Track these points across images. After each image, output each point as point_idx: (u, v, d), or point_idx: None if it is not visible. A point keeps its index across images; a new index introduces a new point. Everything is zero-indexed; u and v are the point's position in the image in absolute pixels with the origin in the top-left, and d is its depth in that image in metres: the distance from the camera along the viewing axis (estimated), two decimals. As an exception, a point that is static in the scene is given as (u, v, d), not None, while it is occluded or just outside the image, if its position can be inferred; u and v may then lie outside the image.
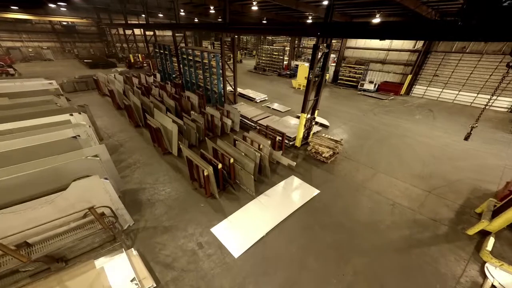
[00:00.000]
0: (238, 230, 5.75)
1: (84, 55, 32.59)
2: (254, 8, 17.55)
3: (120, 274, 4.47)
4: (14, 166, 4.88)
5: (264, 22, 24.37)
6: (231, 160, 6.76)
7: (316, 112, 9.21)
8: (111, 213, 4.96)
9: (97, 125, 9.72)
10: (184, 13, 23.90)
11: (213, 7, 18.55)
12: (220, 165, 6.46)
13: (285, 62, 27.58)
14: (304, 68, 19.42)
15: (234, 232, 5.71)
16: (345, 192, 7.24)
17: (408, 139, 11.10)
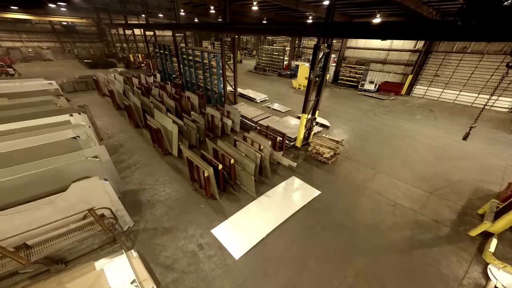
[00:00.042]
0: (239, 231, 5.72)
1: (84, 55, 32.56)
2: (254, 8, 17.52)
3: (120, 276, 4.44)
4: (13, 167, 4.85)
5: (264, 22, 24.35)
6: (232, 161, 6.73)
7: (317, 113, 9.18)
8: (111, 215, 4.93)
9: (97, 126, 9.70)
10: (184, 13, 23.88)
11: (213, 7, 18.53)
12: (220, 166, 6.43)
13: (285, 62, 27.55)
14: (304, 68, 19.38)
15: (235, 233, 5.67)
16: (346, 192, 7.21)
17: (409, 139, 11.06)
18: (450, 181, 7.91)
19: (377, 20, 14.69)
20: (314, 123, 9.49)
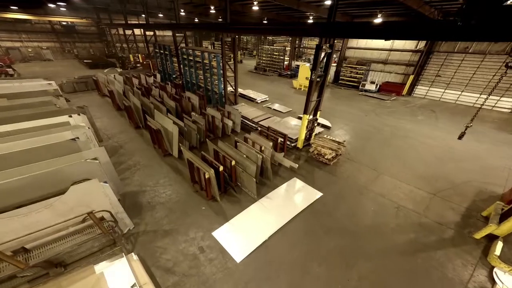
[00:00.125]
0: (240, 234, 5.64)
1: (84, 55, 32.48)
2: (254, 8, 17.46)
3: (120, 279, 4.37)
4: (11, 169, 4.79)
5: (265, 22, 24.29)
6: (233, 163, 6.66)
7: (318, 113, 9.10)
8: (110, 217, 4.86)
9: (97, 126, 9.63)
10: (184, 13, 23.82)
11: (213, 7, 18.45)
12: (221, 168, 6.36)
13: (285, 62, 27.49)
14: (305, 69, 19.31)
15: (236, 236, 5.60)
16: (348, 194, 7.14)
17: (411, 140, 10.99)
18: (453, 182, 7.84)
19: (378, 20, 14.63)
20: (316, 124, 9.42)
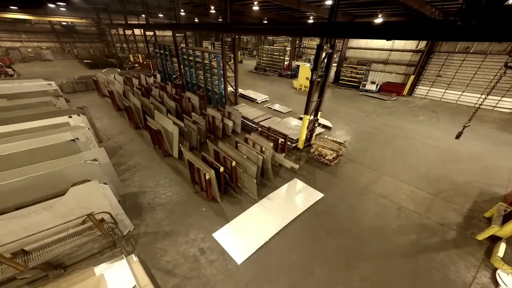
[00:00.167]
0: (241, 235, 5.61)
1: (83, 55, 32.45)
2: (255, 8, 17.41)
3: (120, 281, 4.35)
4: (11, 170, 4.75)
5: (265, 22, 24.25)
6: (233, 163, 6.62)
7: (319, 114, 9.06)
8: (110, 219, 4.82)
9: (97, 127, 9.60)
10: (184, 13, 23.79)
11: (213, 7, 18.41)
12: (222, 169, 6.32)
13: (286, 63, 27.44)
14: (305, 69, 19.27)
15: (237, 237, 5.57)
16: (349, 195, 7.10)
17: (412, 140, 10.95)
18: (454, 183, 7.80)
19: (379, 20, 14.58)
20: (317, 125, 9.37)
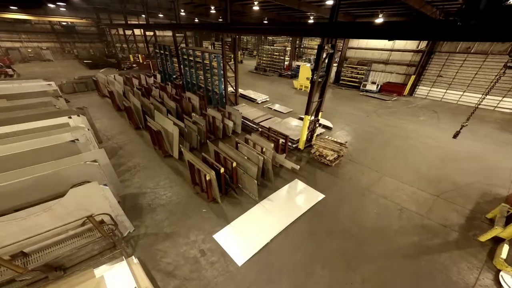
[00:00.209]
0: (241, 237, 5.58)
1: (83, 55, 32.41)
2: (255, 8, 17.38)
3: (120, 283, 4.31)
4: (10, 171, 4.72)
5: (265, 22, 24.21)
6: (234, 164, 6.59)
7: (320, 114, 9.02)
8: (110, 221, 4.79)
9: (96, 127, 9.56)
10: (185, 13, 23.76)
11: (213, 7, 18.38)
12: (222, 169, 6.28)
13: (286, 63, 27.40)
14: (305, 69, 19.23)
15: (237, 238, 5.54)
16: (350, 196, 7.07)
17: (413, 141, 10.92)
18: (456, 184, 7.76)
19: (379, 20, 14.55)
20: (317, 125, 9.33)
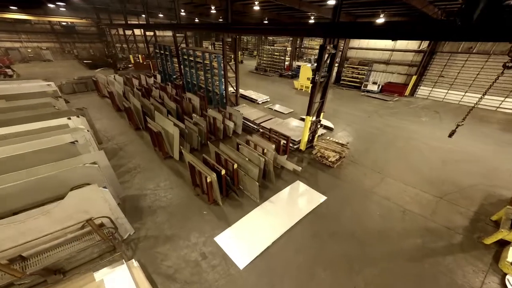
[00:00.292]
0: (243, 239, 5.50)
1: (83, 55, 32.32)
2: (255, 8, 17.32)
3: (120, 287, 4.24)
4: (8, 174, 4.65)
5: (265, 22, 24.14)
6: (235, 166, 6.51)
7: (322, 115, 8.95)
8: (110, 223, 4.72)
9: (96, 128, 9.48)
10: (185, 13, 23.72)
11: (214, 7, 18.31)
12: (223, 171, 6.21)
13: (286, 63, 27.33)
14: (306, 69, 19.16)
15: (239, 241, 5.46)
16: (353, 198, 6.99)
17: (415, 141, 10.84)
18: (459, 185, 7.69)
19: (380, 20, 14.48)
20: (319, 126, 9.26)
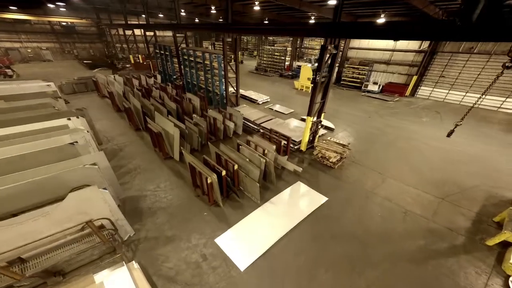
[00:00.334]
0: (244, 241, 5.46)
1: (83, 55, 32.31)
2: (256, 8, 17.26)
3: (120, 289, 4.19)
4: (7, 175, 4.61)
5: (266, 22, 24.09)
6: (235, 167, 6.47)
7: (323, 115, 8.91)
8: (110, 225, 4.68)
9: (96, 129, 9.42)
10: (185, 13, 23.68)
11: (214, 7, 18.27)
12: (224, 172, 6.17)
13: (286, 63, 27.29)
14: (306, 69, 19.12)
15: (239, 243, 5.42)
16: (354, 199, 6.95)
17: (416, 142, 10.80)
18: (461, 186, 7.64)
19: (381, 20, 14.44)
20: (320, 126, 9.22)
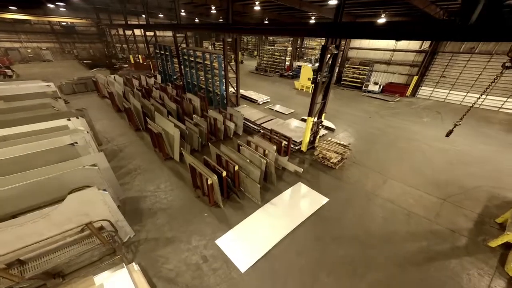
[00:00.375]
0: (244, 242, 5.43)
1: (83, 55, 32.27)
2: (256, 8, 17.22)
3: (120, 291, 4.16)
4: (6, 176, 4.57)
5: (266, 22, 24.06)
6: (236, 168, 6.43)
7: (323, 116, 8.87)
8: (110, 226, 4.64)
9: (96, 129, 9.38)
10: (185, 14, 23.65)
11: (214, 7, 18.24)
12: (224, 173, 6.13)
13: (287, 63, 27.25)
14: (307, 69, 19.08)
15: (240, 244, 5.39)
16: (355, 200, 6.91)
17: (417, 142, 10.76)
18: (463, 187, 7.60)
19: (381, 20, 14.40)
20: (321, 127, 9.18)
